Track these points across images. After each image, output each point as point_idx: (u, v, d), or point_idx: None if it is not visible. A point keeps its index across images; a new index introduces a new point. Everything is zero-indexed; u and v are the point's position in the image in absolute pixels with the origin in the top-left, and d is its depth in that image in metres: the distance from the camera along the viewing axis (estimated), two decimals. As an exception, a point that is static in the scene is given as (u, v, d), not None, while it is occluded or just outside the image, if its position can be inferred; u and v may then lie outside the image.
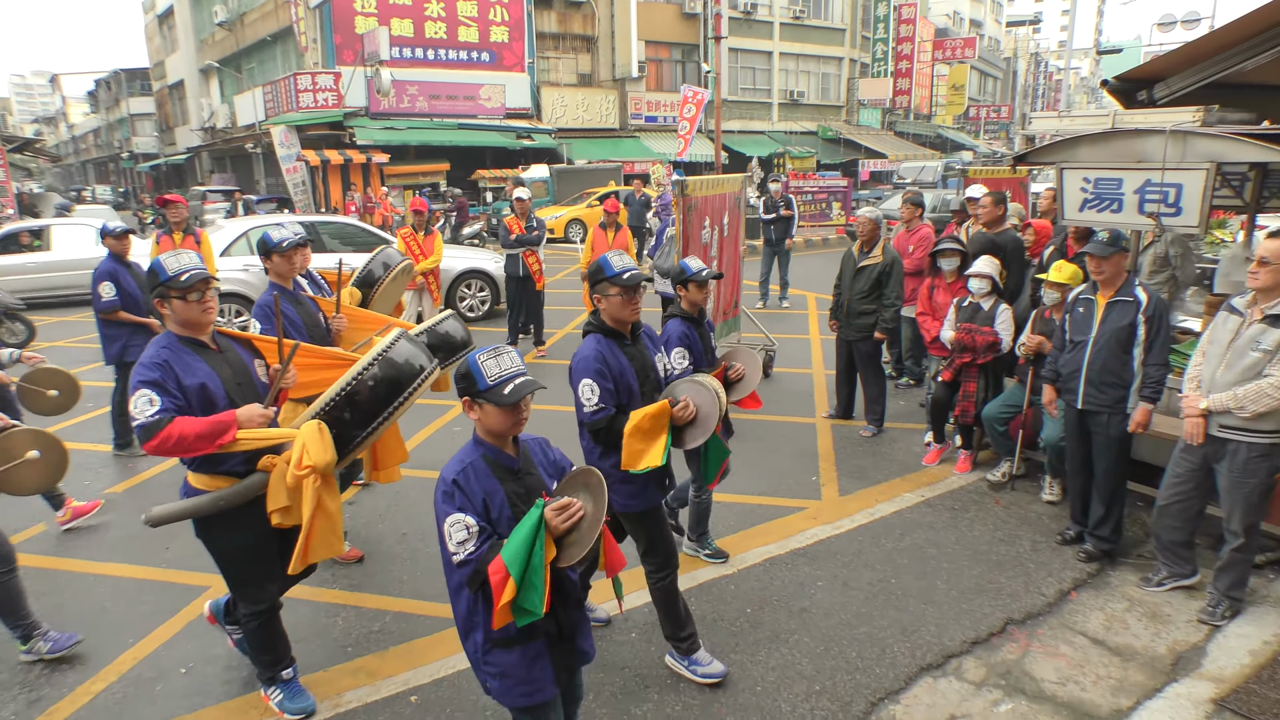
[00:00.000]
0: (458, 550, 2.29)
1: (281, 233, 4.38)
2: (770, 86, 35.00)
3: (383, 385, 3.23)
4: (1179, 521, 4.15)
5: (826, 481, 5.75)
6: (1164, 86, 5.86)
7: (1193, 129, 4.60)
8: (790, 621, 4.07)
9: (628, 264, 3.28)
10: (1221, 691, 3.43)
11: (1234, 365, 3.75)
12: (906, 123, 40.85)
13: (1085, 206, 5.01)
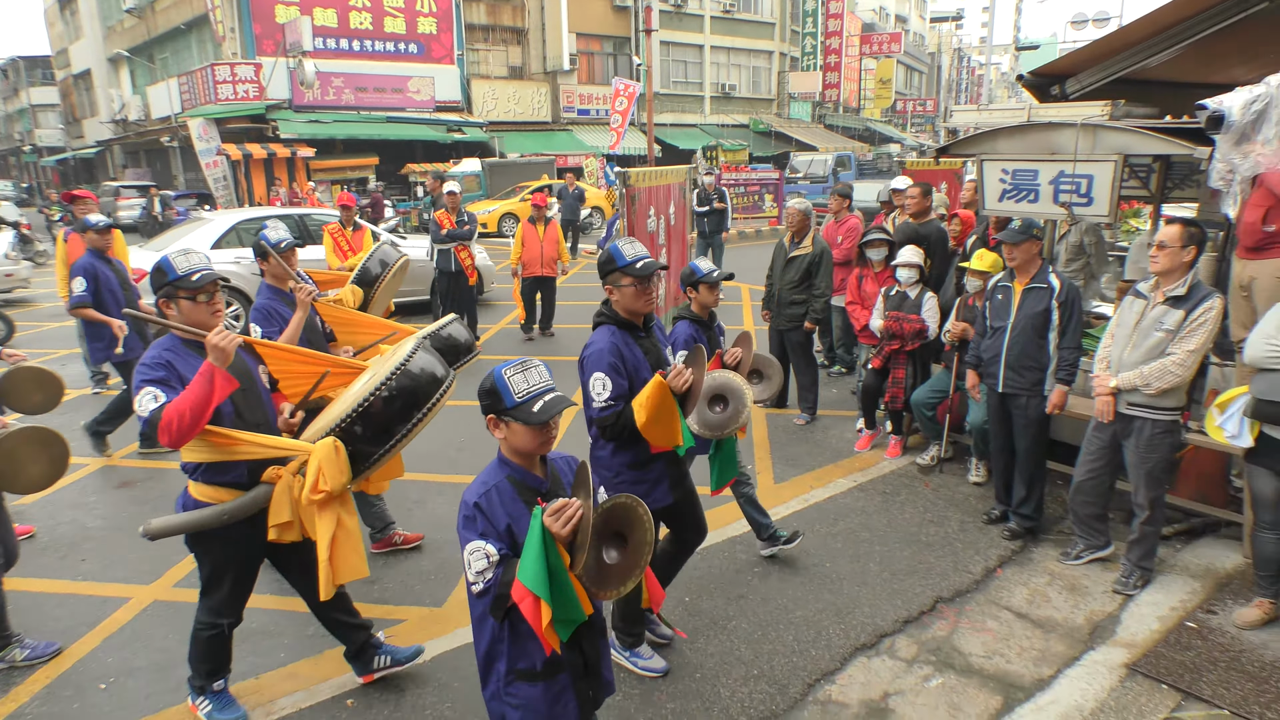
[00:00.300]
0: (476, 580, 2.15)
1: (279, 233, 4.24)
2: (702, 80, 35.21)
3: (400, 399, 3.02)
4: (1093, 497, 4.35)
5: (761, 469, 5.84)
6: (1075, 82, 6.11)
7: (1101, 123, 4.80)
8: (729, 608, 4.13)
9: (640, 252, 3.15)
10: (1134, 656, 3.61)
11: (1140, 345, 3.94)
12: (836, 116, 41.60)
13: (1004, 197, 5.19)
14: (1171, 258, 3.82)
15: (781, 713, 3.39)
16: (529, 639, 2.24)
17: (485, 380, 2.25)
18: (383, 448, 3.04)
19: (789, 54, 38.87)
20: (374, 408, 2.97)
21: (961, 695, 3.47)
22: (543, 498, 2.25)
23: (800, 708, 3.42)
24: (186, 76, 25.66)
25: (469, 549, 2.16)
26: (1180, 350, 3.82)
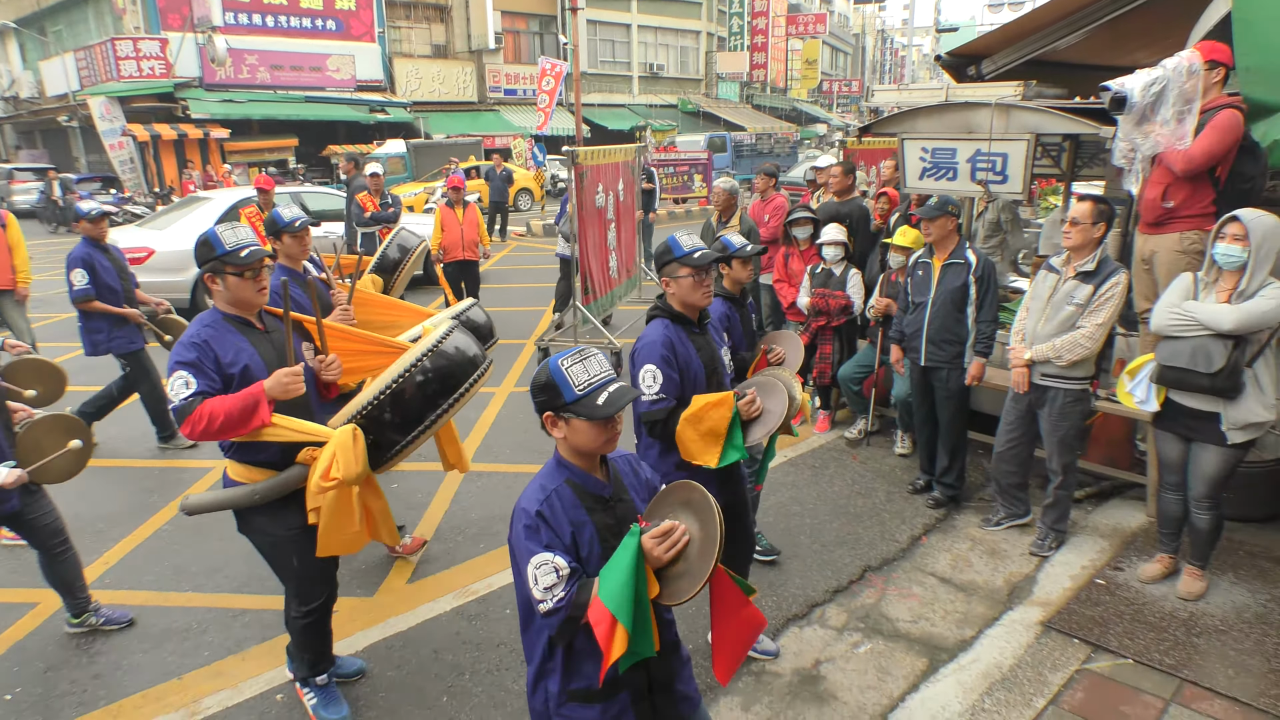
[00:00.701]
0: (544, 597, 1.95)
1: (292, 211, 4.04)
2: (630, 59, 35.04)
3: (434, 382, 2.88)
4: (1013, 465, 4.52)
5: (695, 448, 5.89)
6: (990, 63, 6.30)
7: (1014, 103, 4.96)
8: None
9: (697, 242, 3.00)
10: (1048, 614, 3.79)
11: (1052, 319, 4.10)
12: (764, 96, 41.97)
13: (924, 175, 5.32)
14: (1083, 234, 3.97)
15: (716, 686, 3.44)
16: (587, 659, 2.08)
17: (539, 373, 2.03)
18: (409, 434, 2.93)
19: (716, 34, 38.98)
20: (405, 391, 2.86)
21: (889, 659, 3.59)
22: (607, 504, 2.09)
23: (735, 680, 3.47)
24: (84, 51, 24.21)
25: (535, 563, 1.96)
26: (1089, 323, 3.99)
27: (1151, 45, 5.88)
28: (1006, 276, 6.13)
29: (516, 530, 2.04)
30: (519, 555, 2.02)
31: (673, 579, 1.97)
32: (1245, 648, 3.51)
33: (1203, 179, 4.11)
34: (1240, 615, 3.73)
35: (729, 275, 3.75)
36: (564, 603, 1.94)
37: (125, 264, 5.88)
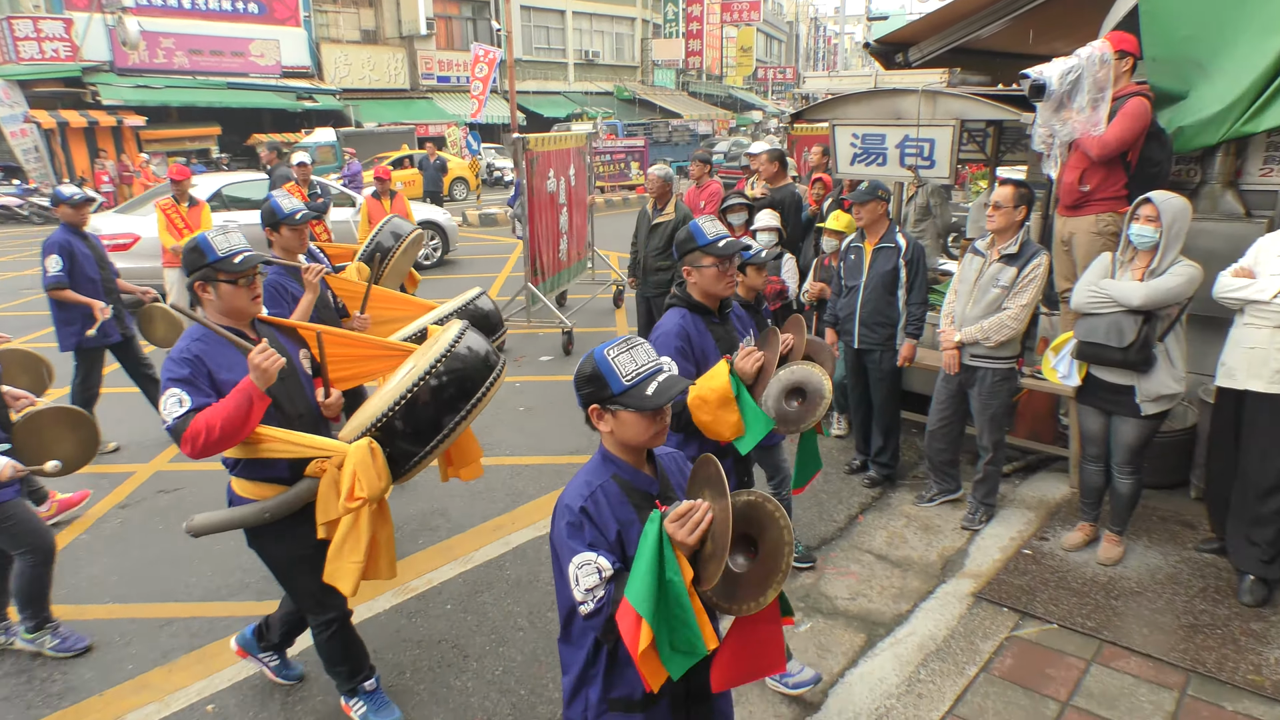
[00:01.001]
0: (585, 599, 1.85)
1: (292, 202, 3.87)
2: (565, 46, 34.72)
3: (450, 387, 2.75)
4: (944, 443, 4.66)
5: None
6: (917, 50, 6.43)
7: (940, 89, 5.07)
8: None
9: (720, 230, 2.91)
10: (979, 585, 3.92)
11: (979, 301, 4.23)
12: (700, 83, 42.08)
13: (855, 160, 5.41)
14: (1005, 217, 4.10)
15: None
16: (630, 664, 1.93)
17: (584, 364, 1.94)
18: (428, 444, 2.80)
19: (652, 21, 38.89)
20: (420, 398, 2.74)
21: (829, 636, 3.67)
22: (654, 501, 1.97)
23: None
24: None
25: (577, 562, 1.86)
26: (1014, 305, 4.12)
27: (1069, 35, 6.08)
28: (936, 259, 6.29)
29: (559, 527, 1.93)
30: (561, 554, 1.92)
31: (704, 563, 1.83)
32: (1158, 607, 3.70)
33: (1116, 164, 4.28)
34: (1154, 577, 3.93)
35: (744, 282, 3.61)
36: (604, 602, 1.83)
37: (105, 253, 5.66)
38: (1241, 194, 4.61)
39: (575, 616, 1.97)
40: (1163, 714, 3.07)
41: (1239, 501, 3.79)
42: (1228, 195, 4.60)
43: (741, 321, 3.18)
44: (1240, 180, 4.63)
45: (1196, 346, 4.10)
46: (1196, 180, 4.73)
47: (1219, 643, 3.46)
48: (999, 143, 6.80)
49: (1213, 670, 3.29)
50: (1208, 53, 4.39)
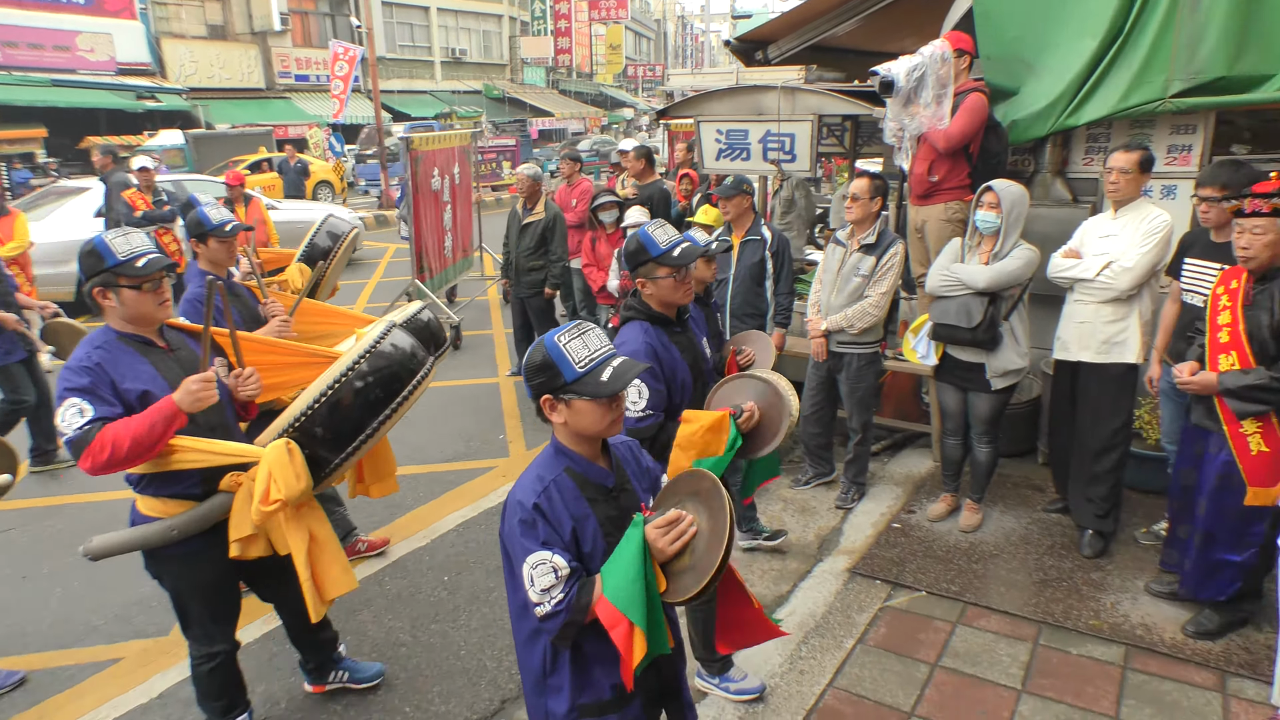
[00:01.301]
0: (542, 600, 1.79)
1: (220, 213, 3.59)
2: (430, 44, 33.87)
3: (372, 387, 2.62)
4: (818, 428, 4.84)
5: (514, 438, 5.85)
6: (776, 48, 6.64)
7: (798, 86, 5.26)
8: (489, 580, 4.11)
9: (672, 235, 2.77)
10: (853, 561, 4.10)
11: (842, 290, 4.41)
12: (570, 81, 42.02)
13: (720, 155, 5.53)
14: (863, 208, 4.29)
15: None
16: (596, 665, 1.93)
17: (533, 353, 1.86)
18: (349, 446, 2.65)
19: (519, 18, 38.50)
20: (341, 398, 2.59)
21: (715, 622, 3.74)
22: (610, 494, 1.92)
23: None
24: None
25: (531, 562, 1.79)
26: (875, 293, 4.33)
27: (918, 33, 6.44)
28: (802, 250, 6.52)
29: (510, 525, 1.86)
30: (514, 553, 1.85)
31: (677, 574, 1.82)
32: (1013, 566, 3.98)
33: (960, 155, 4.57)
34: (1009, 539, 4.22)
35: (693, 274, 3.55)
36: (563, 605, 1.79)
37: (2, 267, 5.16)
38: (1069, 181, 5.02)
39: (527, 617, 1.91)
40: (1019, 665, 3.31)
41: (1077, 463, 4.12)
42: (1057, 183, 5.00)
43: (696, 322, 3.09)
44: (1067, 169, 5.04)
45: (1038, 323, 4.44)
46: (1031, 169, 5.12)
47: (1065, 594, 3.75)
48: (856, 136, 7.11)
49: (1060, 620, 3.57)
50: (1034, 52, 4.75)
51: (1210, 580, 3.38)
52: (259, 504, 2.53)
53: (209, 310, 2.61)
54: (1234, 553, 3.29)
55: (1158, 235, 3.69)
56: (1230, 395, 3.09)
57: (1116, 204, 3.86)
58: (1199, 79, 4.19)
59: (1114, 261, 3.75)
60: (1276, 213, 2.97)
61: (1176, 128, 4.65)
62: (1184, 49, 4.19)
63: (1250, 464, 3.12)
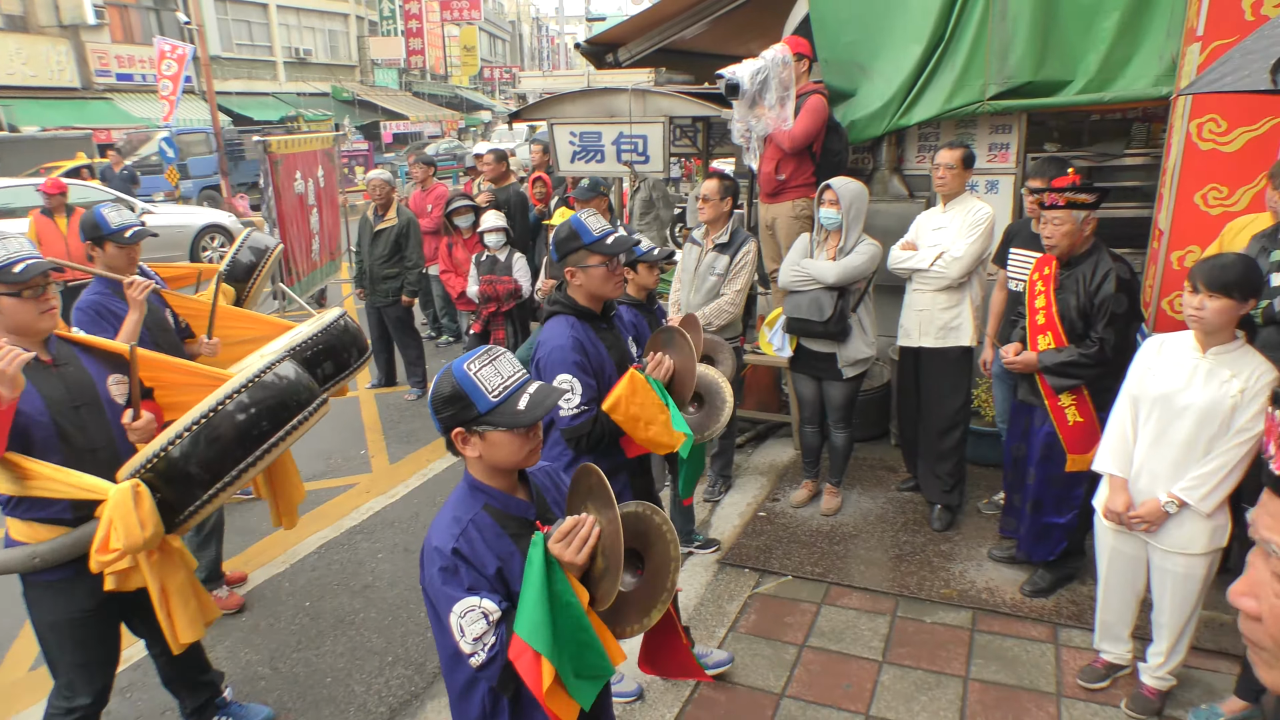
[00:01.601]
0: (475, 649, 1.66)
1: (121, 216, 3.26)
2: (271, 43, 32.08)
3: (260, 419, 2.47)
4: (682, 422, 4.91)
5: (375, 452, 5.64)
6: (626, 50, 6.70)
7: (649, 88, 5.34)
8: (354, 601, 3.94)
9: (605, 225, 2.65)
10: (723, 552, 4.19)
11: (700, 289, 4.50)
12: (424, 83, 40.92)
13: (575, 158, 5.53)
14: (714, 208, 4.39)
15: (422, 691, 3.34)
16: (537, 709, 1.77)
17: (441, 384, 1.71)
18: (208, 491, 2.41)
19: (367, 18, 37.11)
20: (207, 433, 2.39)
21: (590, 625, 3.72)
22: (533, 527, 1.79)
23: (440, 681, 3.39)
24: None
25: (458, 611, 1.66)
26: (730, 291, 4.44)
27: (762, 36, 6.66)
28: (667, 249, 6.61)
29: (430, 574, 1.72)
30: (438, 603, 1.72)
31: (598, 581, 1.71)
32: (872, 545, 4.19)
33: (804, 154, 4.76)
34: (866, 519, 4.44)
35: (634, 280, 3.49)
36: (496, 649, 1.67)
37: None
38: (905, 178, 5.34)
39: (460, 667, 1.80)
40: (879, 637, 3.49)
41: (924, 443, 4.39)
42: (894, 179, 5.31)
43: (623, 323, 3.01)
44: (903, 166, 5.36)
45: (883, 313, 4.69)
46: (870, 167, 5.41)
47: (918, 567, 3.99)
48: (709, 137, 7.29)
49: (915, 592, 3.79)
50: (867, 56, 5.02)
51: (1041, 543, 3.68)
52: (95, 552, 2.33)
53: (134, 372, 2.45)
54: (1059, 516, 3.59)
55: (982, 226, 3.99)
56: (1048, 372, 3.38)
57: (945, 198, 4.14)
58: (1010, 83, 4.55)
59: (945, 252, 4.02)
60: (1072, 205, 3.26)
61: (995, 128, 5.04)
62: (996, 56, 4.55)
63: (1069, 434, 3.42)
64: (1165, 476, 2.76)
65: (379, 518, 4.73)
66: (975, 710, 3.05)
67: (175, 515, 2.46)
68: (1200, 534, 2.75)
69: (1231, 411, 2.63)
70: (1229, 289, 2.55)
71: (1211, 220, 3.57)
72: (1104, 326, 3.27)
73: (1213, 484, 2.67)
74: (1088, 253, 3.36)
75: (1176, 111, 4.03)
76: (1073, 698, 3.09)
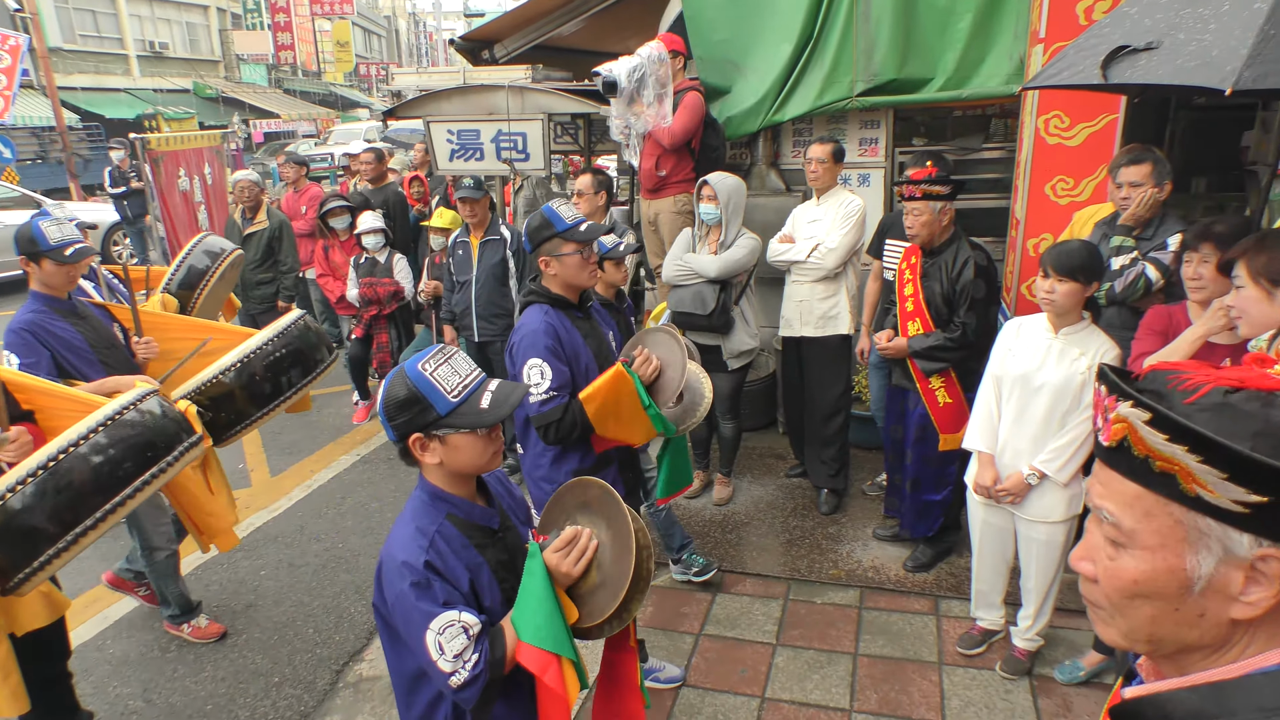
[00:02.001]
0: (456, 667, 1.55)
1: (62, 232, 3.00)
2: (122, 35, 29.91)
3: (125, 459, 2.27)
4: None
5: (255, 466, 5.35)
6: (502, 47, 6.59)
7: (526, 85, 5.27)
8: (236, 622, 3.74)
9: (578, 213, 2.60)
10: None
11: (585, 283, 4.49)
12: (296, 80, 39.14)
13: (454, 156, 5.40)
14: (589, 203, 4.39)
15: (312, 710, 3.20)
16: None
17: (394, 387, 1.62)
18: (49, 548, 2.15)
19: (230, 10, 35.15)
20: (57, 481, 2.16)
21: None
22: (496, 536, 1.72)
23: (331, 697, 3.28)
24: None
25: (436, 627, 1.55)
26: None
27: (640, 33, 6.68)
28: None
29: (399, 591, 1.60)
30: (407, 622, 1.60)
31: (587, 596, 1.69)
32: (763, 531, 4.28)
33: (684, 150, 4.81)
34: (758, 506, 4.54)
35: (602, 279, 3.40)
36: (480, 667, 1.58)
37: None
38: (782, 172, 5.48)
39: (422, 689, 1.73)
40: (773, 621, 3.57)
41: (809, 430, 4.52)
42: (772, 174, 5.44)
43: (603, 318, 2.96)
44: (779, 161, 5.50)
45: (766, 304, 4.80)
46: (748, 162, 5.52)
47: (808, 550, 4.11)
48: (590, 134, 7.27)
49: (805, 574, 3.90)
50: (740, 54, 5.12)
51: (921, 520, 3.86)
52: None
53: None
54: (936, 493, 3.78)
55: (854, 218, 4.13)
56: (917, 356, 3.54)
57: (819, 191, 4.27)
58: (876, 81, 4.75)
59: (821, 244, 4.15)
60: (928, 197, 3.42)
61: (864, 123, 5.24)
62: (863, 54, 4.73)
63: (940, 414, 3.59)
64: (1026, 451, 2.94)
65: (260, 533, 4.49)
66: (864, 684, 3.17)
67: (9, 577, 2.18)
68: (1059, 503, 2.94)
69: (1081, 388, 2.82)
70: (1074, 273, 2.74)
71: (1061, 210, 3.82)
72: (965, 311, 3.46)
73: (1067, 456, 2.86)
74: (948, 242, 3.54)
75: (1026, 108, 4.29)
76: (953, 665, 3.25)
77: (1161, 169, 3.21)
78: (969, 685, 3.14)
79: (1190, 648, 0.78)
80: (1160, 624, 0.79)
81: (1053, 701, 3.03)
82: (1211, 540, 0.73)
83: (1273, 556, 0.71)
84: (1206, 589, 0.75)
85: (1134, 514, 0.77)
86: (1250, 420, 0.71)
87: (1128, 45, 2.30)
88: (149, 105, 28.75)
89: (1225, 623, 0.75)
